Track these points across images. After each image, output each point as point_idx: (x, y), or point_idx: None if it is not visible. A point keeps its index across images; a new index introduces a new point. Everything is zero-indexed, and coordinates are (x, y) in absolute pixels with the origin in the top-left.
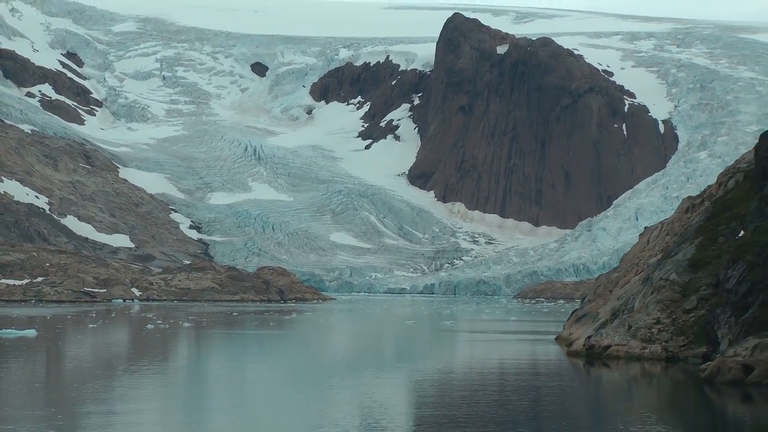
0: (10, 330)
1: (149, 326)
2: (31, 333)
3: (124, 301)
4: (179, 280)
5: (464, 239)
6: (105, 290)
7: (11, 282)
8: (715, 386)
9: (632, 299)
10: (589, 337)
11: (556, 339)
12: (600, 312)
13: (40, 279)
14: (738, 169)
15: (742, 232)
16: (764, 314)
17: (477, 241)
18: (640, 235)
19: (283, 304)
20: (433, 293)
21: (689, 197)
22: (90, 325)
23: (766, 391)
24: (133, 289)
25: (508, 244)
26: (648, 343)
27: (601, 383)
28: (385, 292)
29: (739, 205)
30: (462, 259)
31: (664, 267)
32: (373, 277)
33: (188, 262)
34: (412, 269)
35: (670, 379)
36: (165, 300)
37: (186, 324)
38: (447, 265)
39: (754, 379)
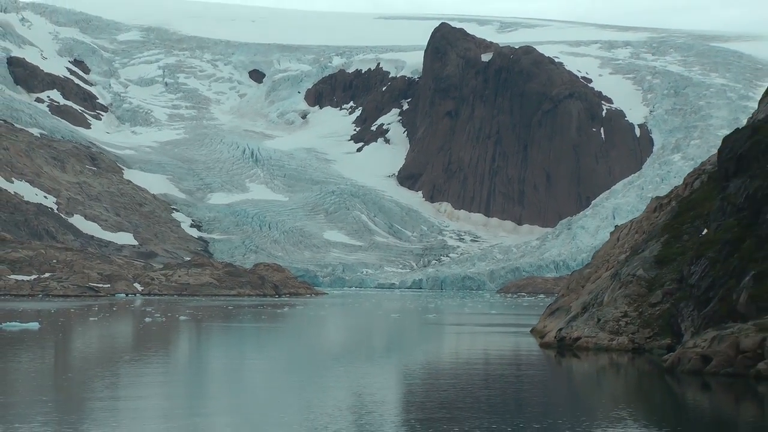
0: (14, 323)
1: (147, 319)
2: (34, 326)
3: (127, 295)
4: (179, 276)
5: (451, 237)
6: (109, 285)
7: (20, 277)
8: (675, 375)
9: (602, 294)
10: (561, 329)
11: (531, 331)
12: (572, 306)
13: (47, 275)
14: (703, 171)
15: (705, 231)
16: (723, 308)
17: (463, 239)
18: (611, 233)
19: (277, 299)
20: (421, 288)
21: (657, 197)
22: (91, 319)
23: (723, 381)
24: (136, 285)
25: (492, 241)
26: (616, 335)
27: (572, 373)
28: (376, 287)
29: (703, 204)
30: (448, 256)
31: (631, 263)
32: (365, 272)
33: (188, 259)
34: (401, 265)
35: (636, 369)
36: (165, 294)
37: (182, 317)
38: (434, 261)
39: (712, 369)
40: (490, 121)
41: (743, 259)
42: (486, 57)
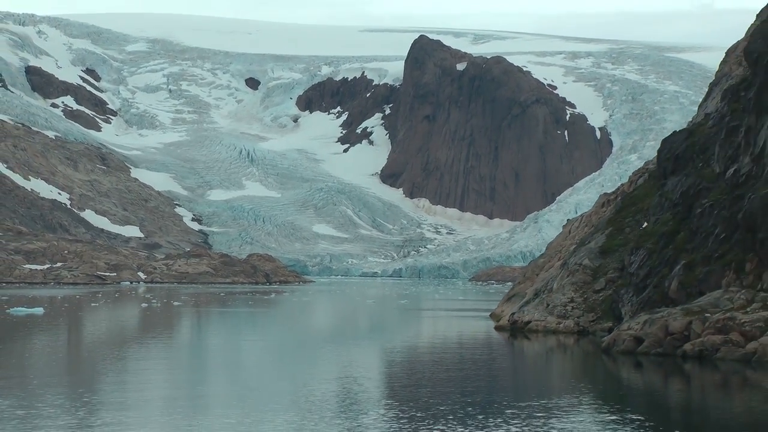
0: (20, 308)
1: (143, 305)
2: (38, 311)
3: (131, 283)
4: (179, 265)
5: (428, 230)
6: (114, 274)
7: (34, 267)
8: (611, 355)
9: (552, 281)
10: (514, 313)
11: (491, 316)
12: (526, 292)
13: (59, 264)
14: (646, 170)
15: (645, 224)
16: (657, 294)
17: (439, 232)
18: (563, 226)
19: (267, 286)
20: (401, 276)
21: (605, 194)
22: (92, 304)
23: (653, 360)
24: (139, 273)
25: (465, 234)
26: (563, 318)
27: (523, 353)
28: (360, 276)
29: (644, 200)
30: (426, 247)
31: (578, 254)
32: (350, 262)
33: (188, 250)
34: (383, 256)
35: (581, 350)
36: (166, 282)
37: (176, 303)
38: (413, 252)
39: (644, 349)
40: (464, 125)
41: (676, 250)
42: (461, 66)
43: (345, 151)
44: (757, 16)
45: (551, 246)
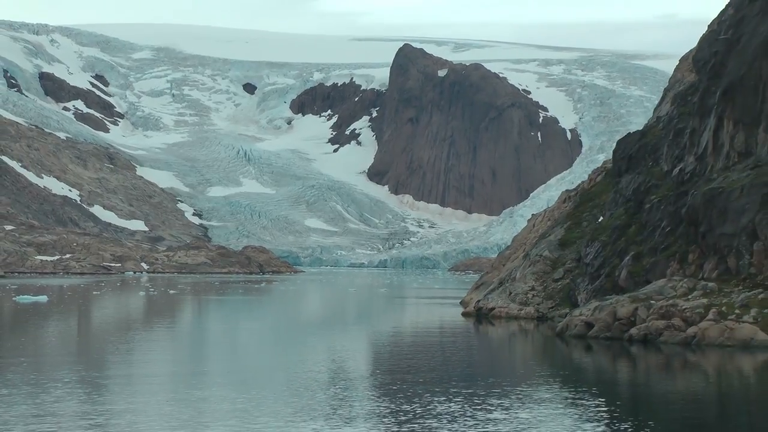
0: (26, 296)
1: (141, 293)
2: (42, 299)
3: (134, 273)
4: (179, 257)
5: (412, 224)
6: (119, 265)
7: (45, 258)
8: (564, 339)
9: (515, 271)
10: (479, 301)
11: (461, 303)
12: (493, 281)
13: (68, 256)
14: (605, 168)
15: (601, 218)
16: (609, 283)
17: (422, 226)
18: (528, 220)
19: (260, 276)
20: (386, 267)
21: (567, 190)
22: (94, 293)
23: (602, 343)
24: (142, 264)
25: (446, 227)
26: (524, 305)
27: (487, 337)
28: (348, 266)
29: (600, 196)
30: (410, 240)
31: (539, 245)
32: (339, 254)
33: (188, 242)
34: (369, 248)
35: (540, 334)
36: (167, 272)
37: (172, 291)
38: (397, 244)
39: (594, 333)
40: (445, 127)
41: (627, 242)
42: (442, 72)
43: (335, 151)
44: (708, 26)
45: (517, 239)
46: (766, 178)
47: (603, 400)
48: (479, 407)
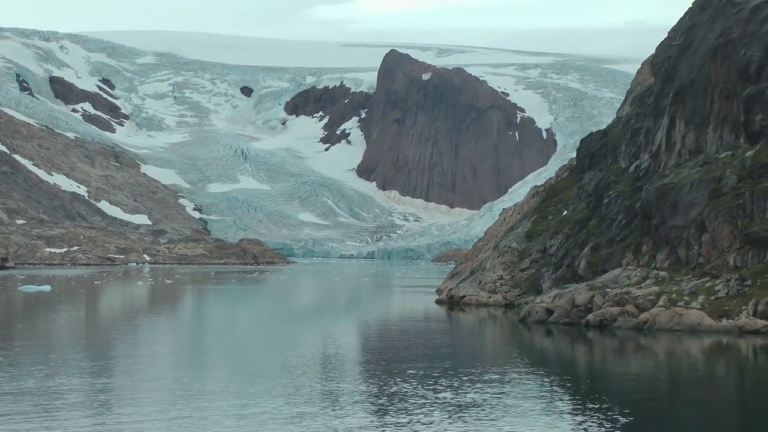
0: (31, 285)
1: (139, 283)
2: (46, 288)
3: (137, 264)
4: (179, 249)
5: (398, 218)
6: (123, 256)
7: (54, 250)
8: (527, 325)
9: (485, 261)
10: (451, 289)
11: (436, 291)
12: (466, 271)
13: (75, 248)
14: (570, 165)
15: (565, 212)
16: (569, 272)
17: (407, 219)
18: (500, 214)
19: (255, 267)
20: (373, 258)
21: (535, 186)
22: (95, 282)
23: (562, 328)
24: (145, 255)
25: (430, 221)
26: (493, 293)
27: (458, 323)
28: (338, 257)
29: (565, 192)
30: (396, 233)
31: (508, 237)
32: (330, 246)
33: (188, 235)
34: (358, 240)
35: (508, 320)
36: (167, 263)
37: (169, 281)
38: (385, 237)
39: (554, 319)
40: (429, 127)
41: (588, 234)
42: (426, 76)
43: (326, 149)
44: (668, 33)
45: (489, 231)
46: (714, 174)
47: (562, 380)
48: (441, 387)
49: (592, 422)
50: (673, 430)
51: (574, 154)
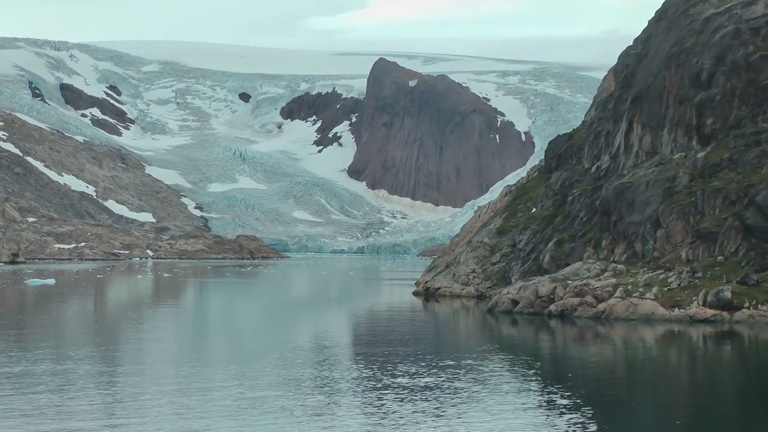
0: (36, 279)
1: (139, 277)
2: (51, 282)
3: (140, 259)
4: (180, 244)
5: (386, 215)
6: (127, 251)
7: (63, 246)
8: (494, 314)
9: (459, 255)
10: (427, 281)
11: (416, 283)
12: (442, 265)
13: (82, 244)
14: (540, 166)
15: (533, 210)
16: (535, 265)
17: (395, 216)
18: (474, 211)
19: (250, 261)
20: (363, 252)
21: (508, 185)
22: (98, 276)
23: (526, 318)
24: (148, 251)
25: (416, 218)
26: (466, 285)
27: (436, 313)
28: (330, 252)
29: (534, 190)
30: (384, 229)
31: (481, 233)
32: (322, 241)
33: (188, 231)
34: (349, 236)
35: (479, 310)
36: (169, 258)
37: (167, 275)
38: (374, 233)
39: (519, 309)
40: (415, 130)
41: (553, 230)
42: (413, 83)
43: (319, 151)
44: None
45: (465, 227)
46: (668, 174)
47: (527, 365)
48: (400, 373)
49: (555, 403)
50: (629, 409)
51: None
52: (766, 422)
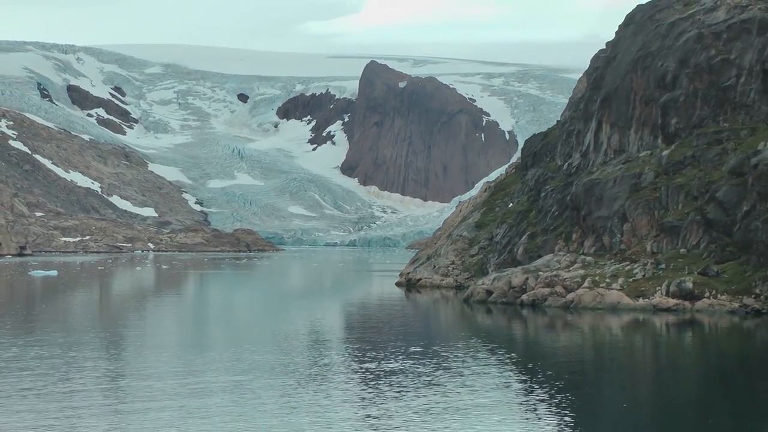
0: (39, 270)
1: (138, 268)
2: (53, 273)
3: (142, 251)
4: (180, 238)
5: (377, 210)
6: (130, 244)
7: (69, 239)
8: (469, 304)
9: (440, 248)
10: (409, 273)
11: (400, 275)
12: (424, 257)
13: (87, 237)
14: (518, 163)
15: (510, 205)
16: (510, 258)
17: (385, 211)
18: (456, 206)
19: (246, 254)
20: (355, 245)
21: (487, 181)
22: (99, 268)
23: (500, 307)
24: (149, 244)
25: (405, 213)
26: (445, 276)
27: (415, 303)
28: (324, 245)
29: (511, 186)
30: (375, 223)
31: (460, 227)
32: (316, 235)
33: (188, 225)
34: (342, 230)
35: (457, 300)
36: (169, 251)
37: (165, 266)
38: (365, 227)
39: (493, 299)
40: (404, 129)
41: (527, 224)
42: (402, 84)
43: (314, 149)
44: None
45: (447, 222)
46: (635, 171)
47: (501, 351)
48: (368, 359)
49: (527, 385)
50: (597, 391)
51: None
52: (724, 404)
